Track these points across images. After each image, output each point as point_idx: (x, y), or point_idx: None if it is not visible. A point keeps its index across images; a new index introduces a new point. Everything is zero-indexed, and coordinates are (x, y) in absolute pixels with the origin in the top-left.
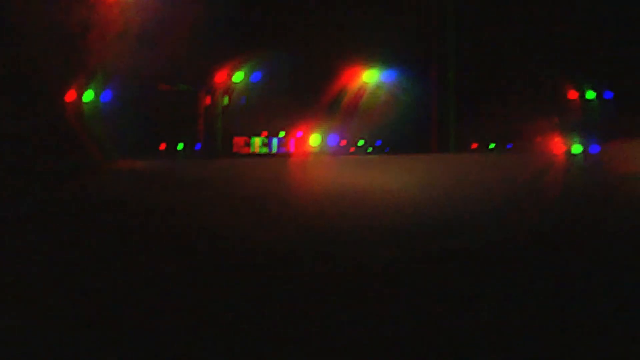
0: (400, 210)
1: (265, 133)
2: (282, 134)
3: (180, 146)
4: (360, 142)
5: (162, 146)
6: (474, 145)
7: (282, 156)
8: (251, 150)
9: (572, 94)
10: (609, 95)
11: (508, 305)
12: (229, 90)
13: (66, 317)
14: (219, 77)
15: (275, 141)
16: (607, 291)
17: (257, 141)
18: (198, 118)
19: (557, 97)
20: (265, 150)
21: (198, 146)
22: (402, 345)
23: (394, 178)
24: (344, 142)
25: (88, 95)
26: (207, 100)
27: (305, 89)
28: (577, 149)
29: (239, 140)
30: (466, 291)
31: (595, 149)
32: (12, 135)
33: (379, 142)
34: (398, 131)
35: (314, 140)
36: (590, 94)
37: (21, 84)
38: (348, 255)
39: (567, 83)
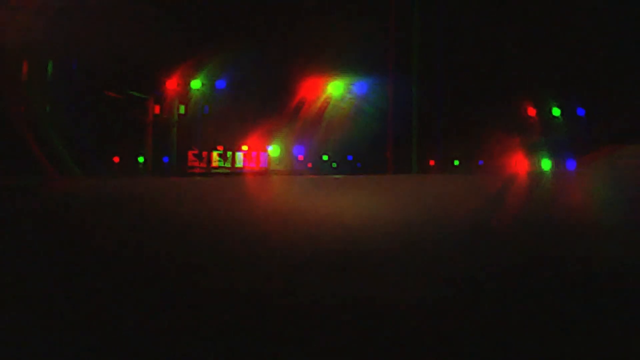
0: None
1: (221, 147)
2: (245, 147)
3: (140, 159)
4: (325, 157)
5: (116, 159)
6: (432, 163)
7: (242, 174)
8: (207, 166)
9: (531, 111)
10: (581, 112)
11: (508, 305)
12: (185, 98)
13: (66, 317)
14: (171, 83)
15: (238, 155)
16: (607, 291)
17: (214, 155)
18: (147, 129)
19: (521, 115)
20: (221, 163)
21: (165, 159)
22: (402, 345)
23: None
24: (302, 157)
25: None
26: (156, 109)
27: (266, 101)
28: (546, 164)
29: (194, 155)
30: (466, 291)
31: (571, 164)
32: None
33: (349, 157)
34: (362, 145)
35: (275, 153)
36: (556, 111)
37: None
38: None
39: (529, 101)
